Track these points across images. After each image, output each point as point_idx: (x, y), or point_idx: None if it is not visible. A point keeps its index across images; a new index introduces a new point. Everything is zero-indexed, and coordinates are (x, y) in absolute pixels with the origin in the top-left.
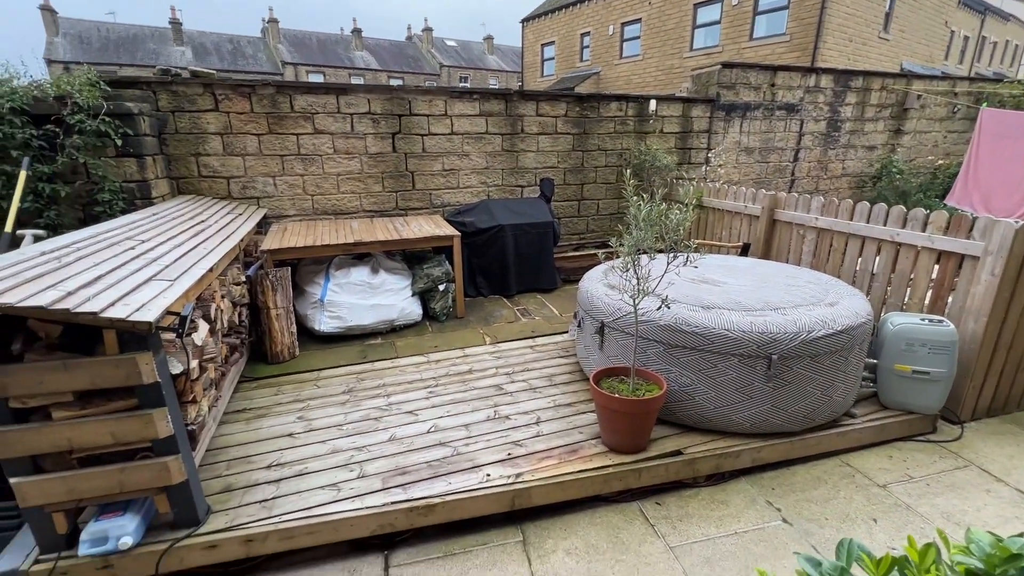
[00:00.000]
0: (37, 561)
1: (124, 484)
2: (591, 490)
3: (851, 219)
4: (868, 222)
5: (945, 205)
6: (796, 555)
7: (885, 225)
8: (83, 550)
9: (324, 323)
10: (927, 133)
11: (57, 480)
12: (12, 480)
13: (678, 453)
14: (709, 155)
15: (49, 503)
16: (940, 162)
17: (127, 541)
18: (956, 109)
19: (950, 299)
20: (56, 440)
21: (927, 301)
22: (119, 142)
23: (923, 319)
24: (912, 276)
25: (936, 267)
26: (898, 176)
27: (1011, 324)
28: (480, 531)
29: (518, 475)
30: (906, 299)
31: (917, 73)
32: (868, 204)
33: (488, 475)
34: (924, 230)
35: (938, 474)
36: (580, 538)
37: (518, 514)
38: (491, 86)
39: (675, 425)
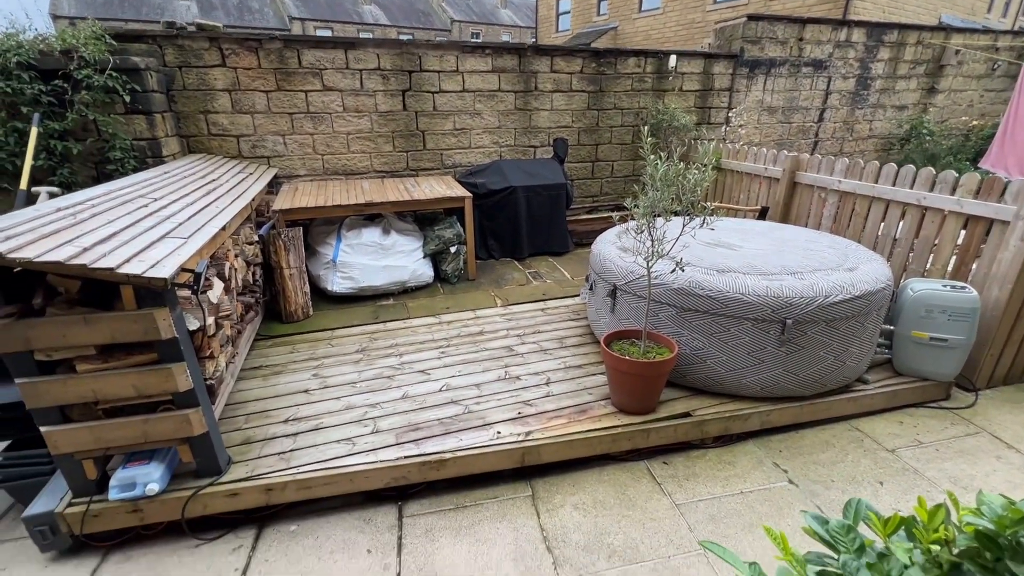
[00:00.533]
0: (71, 504)
1: (148, 434)
2: (599, 449)
3: (876, 182)
4: (894, 185)
5: (978, 169)
6: (803, 513)
7: (912, 188)
8: (113, 495)
9: (337, 284)
10: (963, 92)
11: (85, 429)
12: (43, 429)
13: (687, 415)
14: (730, 115)
15: (78, 451)
16: (974, 123)
17: (154, 487)
18: (996, 65)
19: (974, 266)
20: (81, 391)
21: (950, 268)
22: (127, 98)
23: (945, 285)
24: (936, 241)
25: (962, 232)
26: (928, 138)
27: None
28: (490, 486)
29: (528, 433)
30: (928, 265)
31: (956, 27)
32: (895, 166)
33: (499, 433)
34: (953, 193)
35: (948, 440)
36: (588, 494)
37: (527, 470)
38: (504, 41)
39: (685, 388)
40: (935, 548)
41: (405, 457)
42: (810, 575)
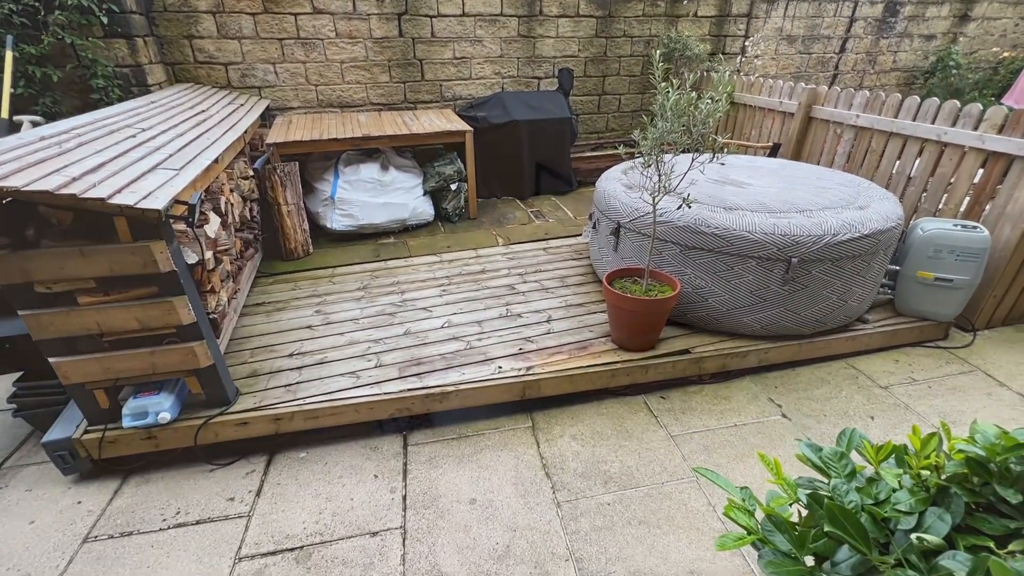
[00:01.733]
0: (87, 431)
1: (156, 366)
2: (598, 383)
3: (896, 116)
4: (915, 119)
5: (1002, 104)
6: (797, 441)
7: (934, 123)
8: (126, 423)
9: (336, 221)
10: (997, 20)
11: (93, 360)
12: (51, 360)
13: (686, 352)
14: (746, 44)
15: (89, 381)
16: (1005, 54)
17: (165, 416)
18: None
19: (988, 206)
20: (85, 323)
21: (963, 208)
22: (104, 19)
23: (956, 224)
24: (952, 180)
25: (980, 171)
26: (954, 71)
27: None
28: (492, 417)
29: (529, 368)
30: (941, 205)
31: None
32: (917, 99)
33: (500, 367)
34: (976, 129)
35: (942, 378)
36: (586, 425)
37: (528, 403)
38: None
39: (685, 326)
40: (925, 473)
41: (408, 390)
42: (800, 497)
